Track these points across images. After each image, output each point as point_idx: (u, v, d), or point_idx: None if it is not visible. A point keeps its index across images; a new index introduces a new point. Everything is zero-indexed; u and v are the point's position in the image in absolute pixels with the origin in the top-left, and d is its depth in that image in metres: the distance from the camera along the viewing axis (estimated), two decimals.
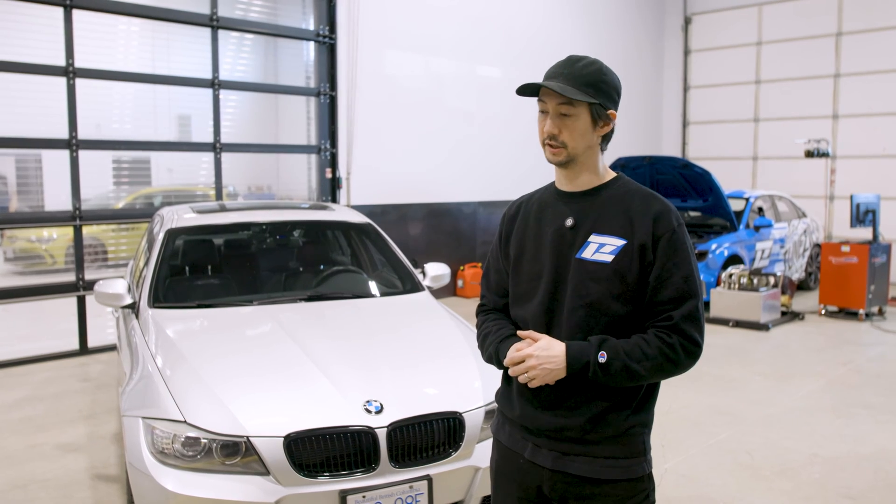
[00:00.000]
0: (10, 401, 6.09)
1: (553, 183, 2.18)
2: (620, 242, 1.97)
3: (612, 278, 1.96)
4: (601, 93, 1.98)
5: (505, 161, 11.58)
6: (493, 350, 2.14)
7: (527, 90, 2.02)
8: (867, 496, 4.33)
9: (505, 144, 11.63)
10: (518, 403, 2.11)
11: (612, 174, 2.11)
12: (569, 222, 2.05)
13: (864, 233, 10.50)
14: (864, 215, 9.71)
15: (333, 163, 9.69)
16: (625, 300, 1.97)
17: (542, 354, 1.96)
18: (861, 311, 9.36)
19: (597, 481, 1.99)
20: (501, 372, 2.23)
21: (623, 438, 1.99)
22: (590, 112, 1.99)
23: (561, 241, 2.05)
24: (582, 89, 1.96)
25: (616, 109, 2.04)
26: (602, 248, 1.98)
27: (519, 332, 2.07)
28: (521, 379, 2.01)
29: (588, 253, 2.00)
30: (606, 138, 2.07)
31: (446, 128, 10.90)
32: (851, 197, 9.73)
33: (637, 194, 2.04)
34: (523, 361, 1.99)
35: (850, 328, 9.00)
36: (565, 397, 2.01)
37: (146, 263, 4.78)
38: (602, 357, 1.91)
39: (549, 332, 2.04)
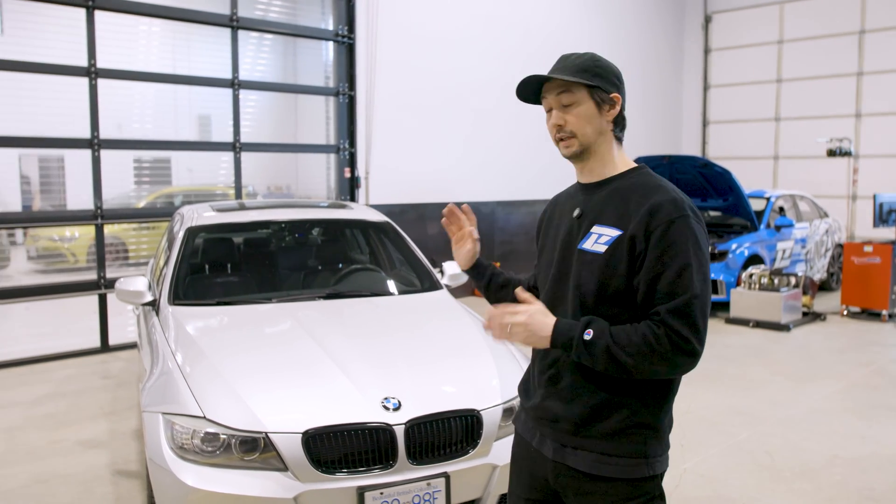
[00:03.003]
0: (32, 397, 6.16)
1: None
2: (615, 233, 1.94)
3: (605, 269, 1.93)
4: (598, 76, 1.99)
5: (521, 159, 11.56)
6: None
7: (523, 94, 2.06)
8: (889, 498, 4.28)
9: (522, 143, 11.60)
10: (530, 391, 2.15)
11: (631, 165, 2.08)
12: (576, 212, 2.06)
13: (888, 233, 10.40)
14: (887, 215, 9.61)
15: (352, 162, 9.72)
16: (618, 292, 1.93)
17: (537, 318, 1.94)
18: (884, 312, 9.26)
19: (594, 477, 1.96)
20: (514, 367, 2.25)
21: (620, 436, 1.94)
22: (591, 97, 1.99)
23: (570, 232, 2.06)
24: (577, 74, 1.98)
25: (620, 93, 2.03)
26: (599, 238, 1.97)
27: (518, 292, 2.02)
28: (501, 332, 1.98)
29: (588, 244, 1.99)
30: (619, 125, 2.05)
31: (464, 126, 10.91)
32: (874, 196, 9.63)
33: (643, 186, 1.99)
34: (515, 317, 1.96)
35: (873, 329, 8.90)
36: (563, 387, 2.01)
37: (166, 261, 4.82)
38: (588, 334, 1.88)
39: None
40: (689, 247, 1.87)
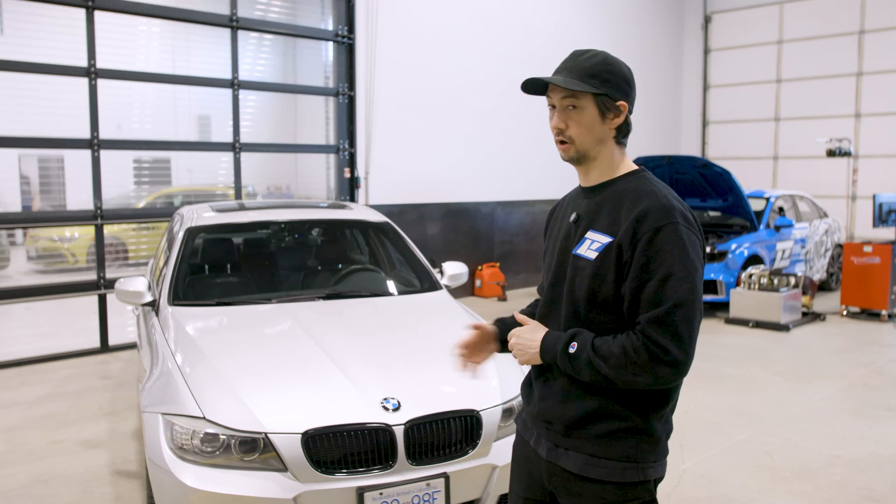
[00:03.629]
0: (32, 397, 6.16)
1: None
2: (606, 240, 1.92)
3: (595, 276, 1.92)
4: (607, 83, 1.93)
5: (522, 160, 11.57)
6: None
7: (530, 86, 2.00)
8: (889, 498, 4.28)
9: (522, 143, 11.61)
10: (532, 394, 2.17)
11: (631, 169, 2.03)
12: (572, 217, 2.05)
13: (887, 233, 10.40)
14: (886, 215, 9.61)
15: (352, 162, 9.72)
16: (608, 300, 1.92)
17: (526, 336, 2.04)
18: (883, 312, 9.26)
19: (583, 478, 1.96)
20: (514, 368, 2.28)
21: (608, 440, 1.93)
22: (596, 104, 1.94)
23: (567, 237, 2.06)
24: (585, 80, 1.92)
25: (627, 100, 1.98)
26: (591, 245, 1.95)
27: (515, 314, 2.18)
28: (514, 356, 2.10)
29: (582, 249, 1.98)
30: (622, 131, 2.00)
31: (464, 127, 10.91)
32: (874, 196, 9.63)
33: (635, 192, 1.94)
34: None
35: (873, 329, 8.90)
36: (557, 390, 2.02)
37: (166, 262, 4.82)
38: (572, 348, 1.90)
39: (545, 324, 2.07)
40: (675, 255, 1.83)
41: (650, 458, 1.95)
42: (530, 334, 2.03)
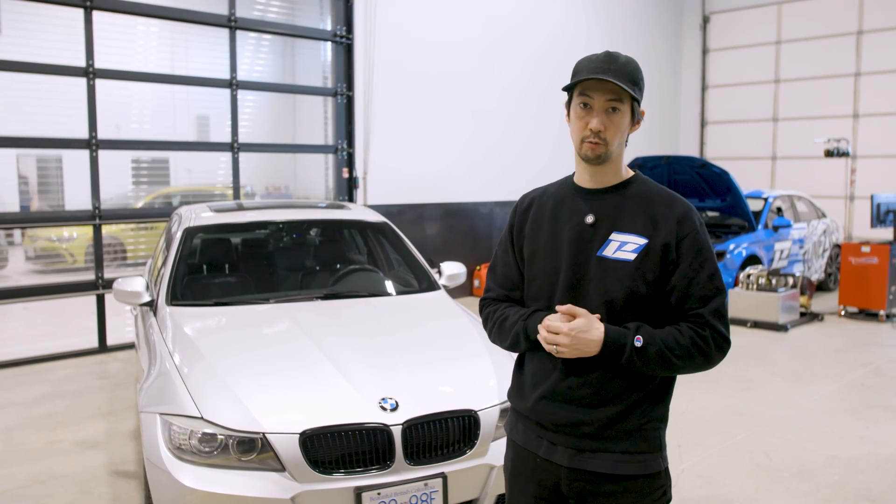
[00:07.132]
0: (30, 397, 6.16)
1: (569, 178, 2.16)
2: (642, 241, 1.97)
3: (634, 277, 1.96)
4: (640, 91, 2.00)
5: (520, 160, 11.57)
6: (520, 328, 2.08)
7: (574, 84, 1.98)
8: (887, 498, 4.29)
9: (521, 143, 11.62)
10: (532, 398, 2.09)
11: (631, 172, 2.11)
12: (589, 219, 2.04)
13: (885, 233, 10.40)
14: (884, 215, 9.62)
15: (350, 162, 9.72)
16: (645, 298, 1.98)
17: (580, 336, 1.92)
18: (881, 312, 9.27)
19: (615, 478, 1.98)
20: (512, 368, 2.22)
21: (640, 433, 1.99)
22: (632, 109, 2.00)
23: (580, 238, 2.04)
24: (629, 85, 1.95)
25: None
26: (623, 246, 1.99)
27: (558, 308, 1.98)
28: (551, 349, 1.96)
29: (609, 251, 2.00)
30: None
31: (463, 127, 10.91)
32: (872, 197, 9.64)
33: (658, 194, 2.05)
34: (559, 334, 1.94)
35: (871, 329, 8.91)
36: (584, 393, 2.00)
37: (164, 262, 4.81)
38: (638, 341, 1.92)
39: None
40: (712, 252, 2.01)
41: (665, 443, 2.06)
42: (585, 334, 1.93)
